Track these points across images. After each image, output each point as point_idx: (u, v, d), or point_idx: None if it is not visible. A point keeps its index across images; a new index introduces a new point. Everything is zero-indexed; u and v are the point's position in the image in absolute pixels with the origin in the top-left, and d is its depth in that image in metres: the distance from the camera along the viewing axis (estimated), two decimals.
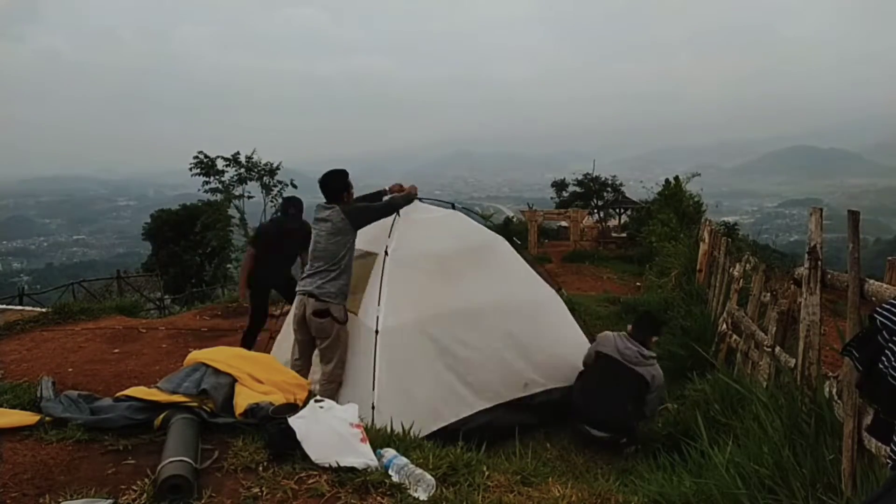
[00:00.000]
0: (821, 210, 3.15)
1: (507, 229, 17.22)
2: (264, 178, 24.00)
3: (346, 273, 4.29)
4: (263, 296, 6.11)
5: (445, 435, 3.74)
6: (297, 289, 4.41)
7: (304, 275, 4.39)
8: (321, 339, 4.28)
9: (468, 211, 6.30)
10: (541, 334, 4.88)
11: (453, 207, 5.50)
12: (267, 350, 5.50)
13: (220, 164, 23.75)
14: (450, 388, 4.35)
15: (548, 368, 4.82)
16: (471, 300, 4.62)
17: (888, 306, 1.67)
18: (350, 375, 4.32)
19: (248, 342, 5.92)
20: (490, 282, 4.79)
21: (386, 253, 4.50)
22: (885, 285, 2.41)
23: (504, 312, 4.74)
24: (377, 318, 4.23)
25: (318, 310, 4.17)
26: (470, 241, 5.06)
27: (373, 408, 3.91)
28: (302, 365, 4.41)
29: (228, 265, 25.91)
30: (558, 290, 5.47)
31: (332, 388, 4.22)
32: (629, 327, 4.88)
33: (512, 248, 5.31)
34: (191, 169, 23.64)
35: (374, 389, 4.03)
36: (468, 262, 4.82)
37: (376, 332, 4.18)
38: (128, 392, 2.86)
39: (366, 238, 4.64)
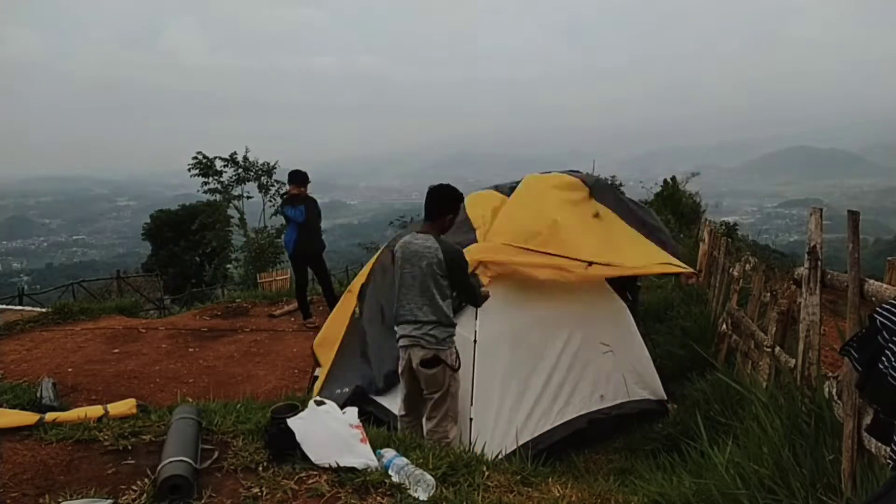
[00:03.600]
0: (821, 210, 3.14)
1: None
2: (262, 178, 24.01)
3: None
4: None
5: (530, 446, 3.76)
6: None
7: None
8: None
9: None
10: (615, 345, 4.73)
11: None
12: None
13: (218, 164, 23.77)
14: (540, 398, 4.28)
15: (620, 381, 4.71)
16: (555, 308, 4.51)
17: (888, 306, 1.67)
18: None
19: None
20: (569, 288, 4.64)
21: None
22: (884, 285, 2.40)
23: (585, 322, 4.63)
24: (475, 328, 4.08)
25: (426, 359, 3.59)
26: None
27: (471, 420, 3.84)
28: (411, 421, 3.83)
29: (228, 265, 25.93)
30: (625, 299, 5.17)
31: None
32: None
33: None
34: (189, 169, 23.66)
35: (471, 403, 3.92)
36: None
37: (474, 342, 4.04)
38: None
39: None
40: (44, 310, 8.71)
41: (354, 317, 5.08)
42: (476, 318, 4.10)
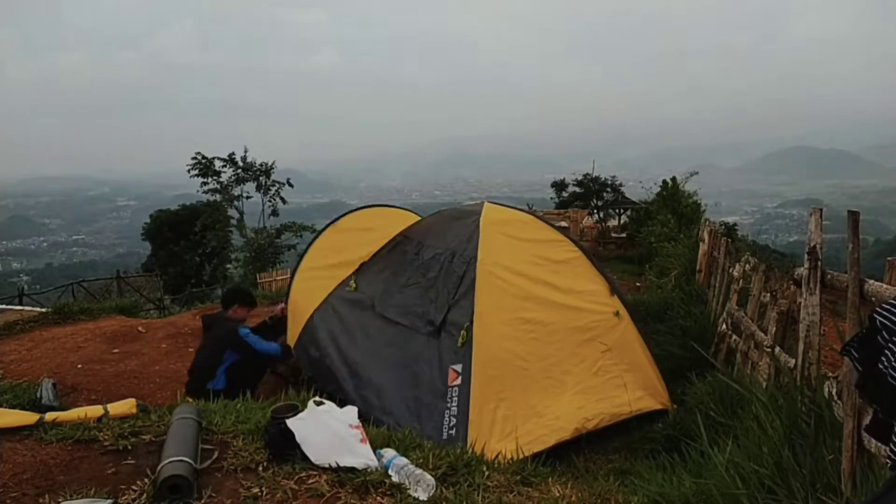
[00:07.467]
0: (821, 210, 3.15)
1: None
2: (261, 178, 24.03)
3: None
4: None
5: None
6: None
7: None
8: None
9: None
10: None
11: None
12: None
13: (217, 164, 23.79)
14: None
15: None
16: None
17: (888, 306, 1.67)
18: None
19: None
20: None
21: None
22: (884, 285, 2.41)
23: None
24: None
25: None
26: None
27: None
28: None
29: (228, 265, 25.96)
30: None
31: None
32: None
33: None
34: (189, 170, 23.69)
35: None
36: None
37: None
38: None
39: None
40: (44, 310, 8.69)
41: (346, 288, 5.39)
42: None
